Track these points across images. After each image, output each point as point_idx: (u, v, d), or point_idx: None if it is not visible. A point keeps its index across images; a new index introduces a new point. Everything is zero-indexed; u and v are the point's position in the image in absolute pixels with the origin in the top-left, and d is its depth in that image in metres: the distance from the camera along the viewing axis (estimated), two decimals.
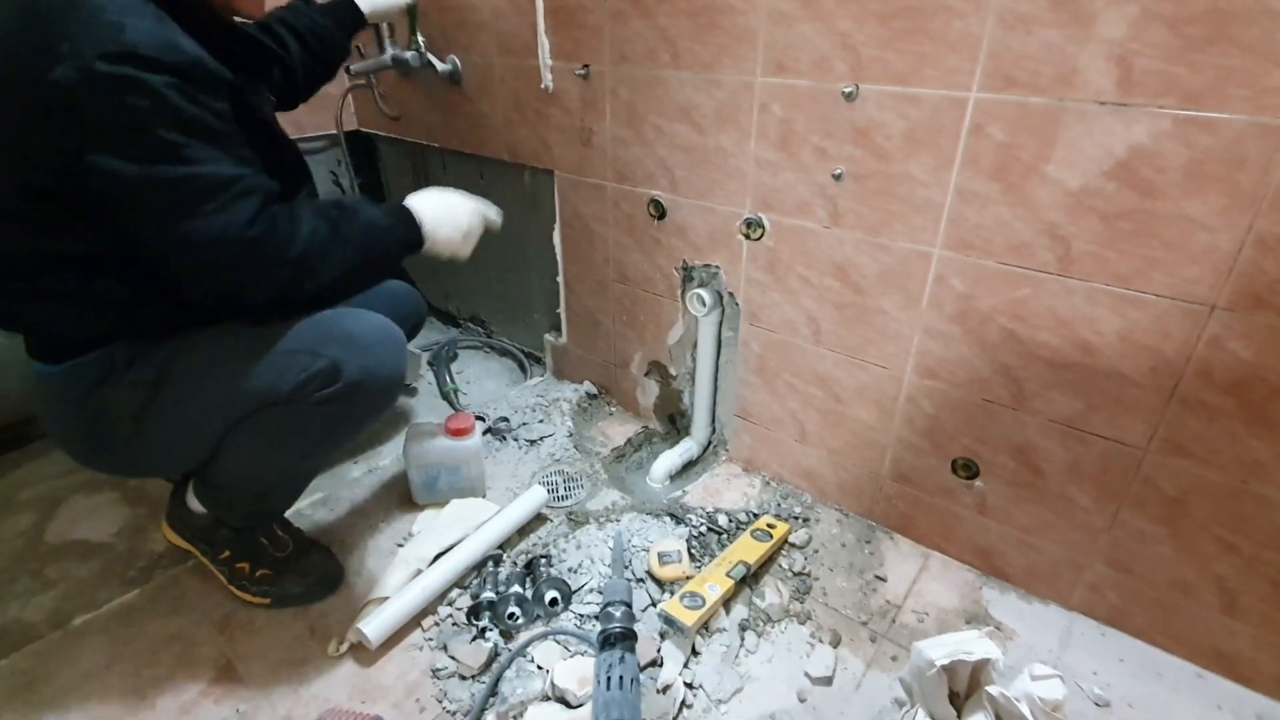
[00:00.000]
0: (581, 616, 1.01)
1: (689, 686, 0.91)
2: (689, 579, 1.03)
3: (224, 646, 0.98)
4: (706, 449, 1.43)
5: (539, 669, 0.92)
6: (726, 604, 1.02)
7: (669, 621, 0.96)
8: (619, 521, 1.20)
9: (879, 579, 1.10)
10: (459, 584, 1.06)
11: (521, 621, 0.98)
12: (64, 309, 0.81)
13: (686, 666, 0.93)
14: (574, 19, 1.21)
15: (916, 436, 1.09)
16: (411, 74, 1.56)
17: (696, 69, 1.09)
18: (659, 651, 0.94)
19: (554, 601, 1.00)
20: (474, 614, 0.99)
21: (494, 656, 0.95)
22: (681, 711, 0.88)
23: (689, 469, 1.40)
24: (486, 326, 1.90)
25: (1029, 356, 0.93)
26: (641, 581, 1.06)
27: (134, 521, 1.21)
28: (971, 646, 0.80)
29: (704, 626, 0.98)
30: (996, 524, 1.06)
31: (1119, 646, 0.99)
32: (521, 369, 1.78)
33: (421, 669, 0.94)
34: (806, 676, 0.93)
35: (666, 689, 0.89)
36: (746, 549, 1.08)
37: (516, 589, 1.01)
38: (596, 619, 0.98)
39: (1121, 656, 0.97)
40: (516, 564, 1.10)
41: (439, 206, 0.97)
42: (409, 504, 1.25)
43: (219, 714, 0.89)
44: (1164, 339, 0.83)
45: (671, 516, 1.20)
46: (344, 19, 1.21)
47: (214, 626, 1.01)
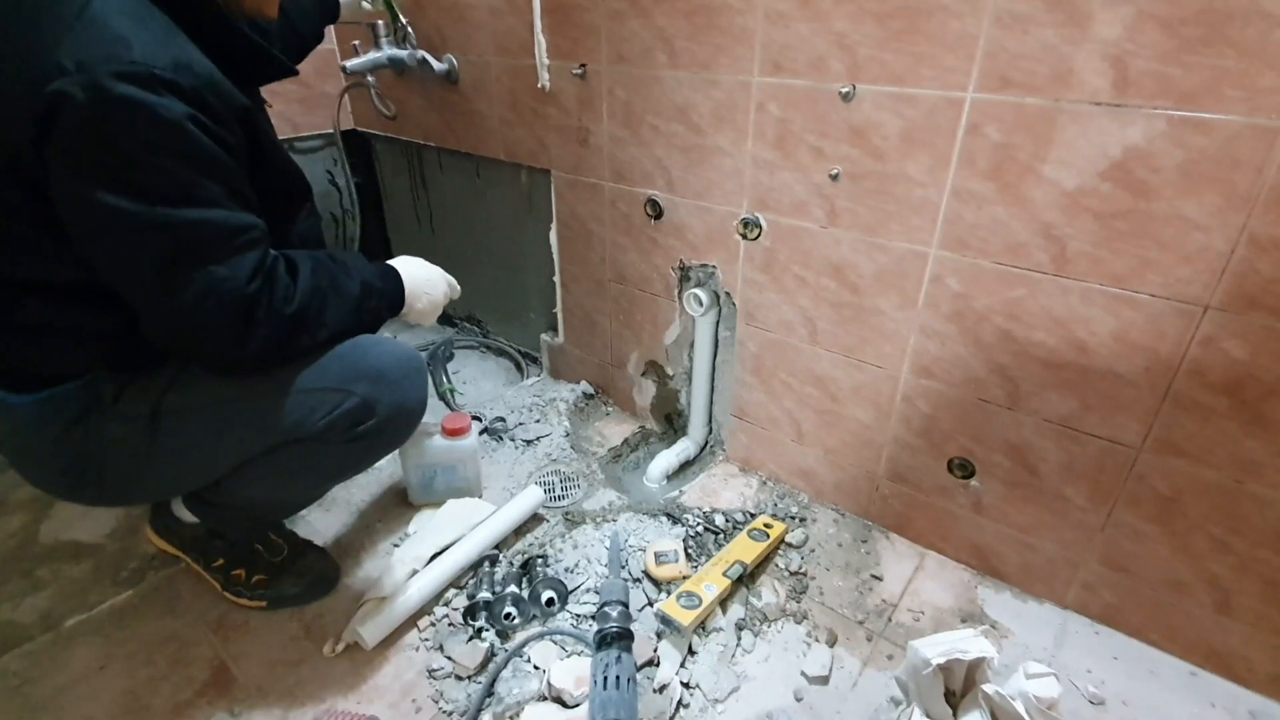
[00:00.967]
0: (578, 616, 1.01)
1: (686, 686, 0.91)
2: (686, 579, 1.03)
3: (218, 647, 0.97)
4: (703, 449, 1.43)
5: (535, 669, 0.92)
6: (723, 603, 1.02)
7: (666, 621, 0.96)
8: (616, 521, 1.19)
9: (875, 578, 1.10)
10: (455, 584, 1.06)
11: (518, 621, 0.98)
12: (38, 339, 0.75)
13: (683, 666, 0.93)
14: (571, 18, 1.21)
15: (913, 436, 1.09)
16: (408, 73, 1.56)
17: (694, 69, 1.09)
18: (656, 651, 0.93)
19: (550, 601, 1.00)
20: (470, 614, 0.99)
21: (490, 656, 0.94)
22: (678, 711, 0.88)
23: (686, 469, 1.40)
24: (483, 326, 1.90)
25: (1024, 356, 0.93)
26: (638, 581, 1.06)
27: (127, 522, 1.20)
28: (967, 645, 0.80)
29: (701, 626, 0.98)
30: (992, 523, 1.07)
31: (1113, 645, 0.99)
32: (518, 369, 1.77)
33: (418, 669, 0.94)
34: (803, 676, 0.93)
35: (663, 688, 0.89)
36: (743, 548, 1.09)
37: (513, 589, 1.01)
38: (593, 619, 0.97)
39: (1116, 655, 0.97)
40: (513, 564, 1.10)
41: (420, 275, 0.94)
42: (405, 504, 1.25)
43: (213, 715, 0.88)
44: (1158, 339, 0.83)
45: (668, 516, 1.20)
46: (321, 8, 1.21)
47: (208, 627, 1.00)
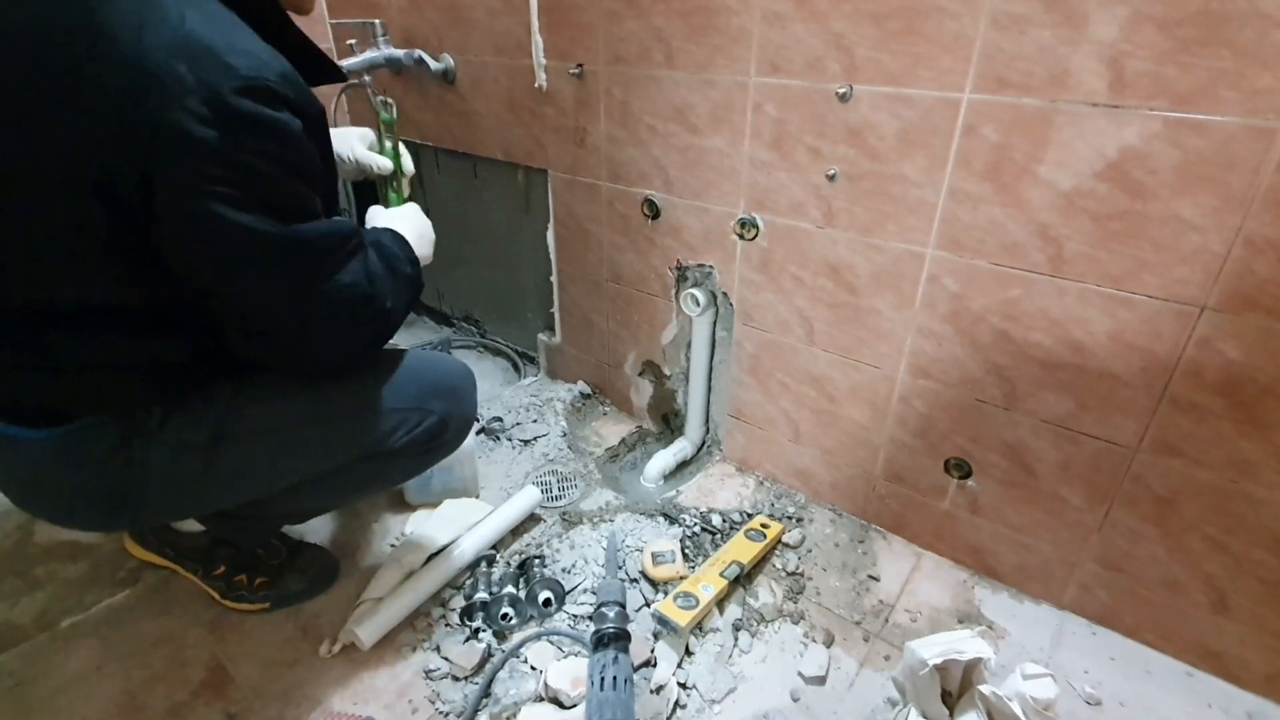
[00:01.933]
0: (575, 617, 1.01)
1: (682, 686, 0.91)
2: (683, 579, 1.03)
3: (215, 648, 0.97)
4: (700, 449, 1.43)
5: (532, 670, 0.92)
6: (720, 604, 1.02)
7: (663, 622, 0.96)
8: (613, 521, 1.19)
9: (872, 578, 1.10)
10: (452, 584, 1.06)
11: (515, 622, 0.98)
12: (81, 373, 0.70)
13: (680, 666, 0.93)
14: (568, 18, 1.21)
15: (909, 436, 1.09)
16: (405, 72, 1.56)
17: (691, 69, 1.09)
18: (652, 652, 0.93)
19: (547, 602, 1.00)
20: (467, 614, 0.99)
21: (487, 657, 0.94)
22: (675, 712, 0.88)
23: (683, 469, 1.40)
24: (480, 326, 1.90)
25: (1021, 356, 0.94)
26: (635, 582, 1.06)
27: None
28: (964, 646, 0.80)
29: (697, 626, 0.98)
30: (989, 523, 1.07)
31: (1110, 645, 0.99)
32: (515, 369, 1.77)
33: (414, 670, 0.94)
34: (800, 676, 0.93)
35: (660, 689, 0.89)
36: (740, 549, 1.08)
37: (510, 589, 1.01)
38: (590, 619, 0.97)
39: (1112, 655, 0.98)
40: (510, 564, 1.10)
41: (415, 229, 0.90)
42: (402, 504, 1.24)
43: (210, 716, 0.88)
44: (1155, 339, 0.83)
45: (665, 516, 1.20)
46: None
47: (204, 628, 1.00)
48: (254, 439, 0.79)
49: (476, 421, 0.94)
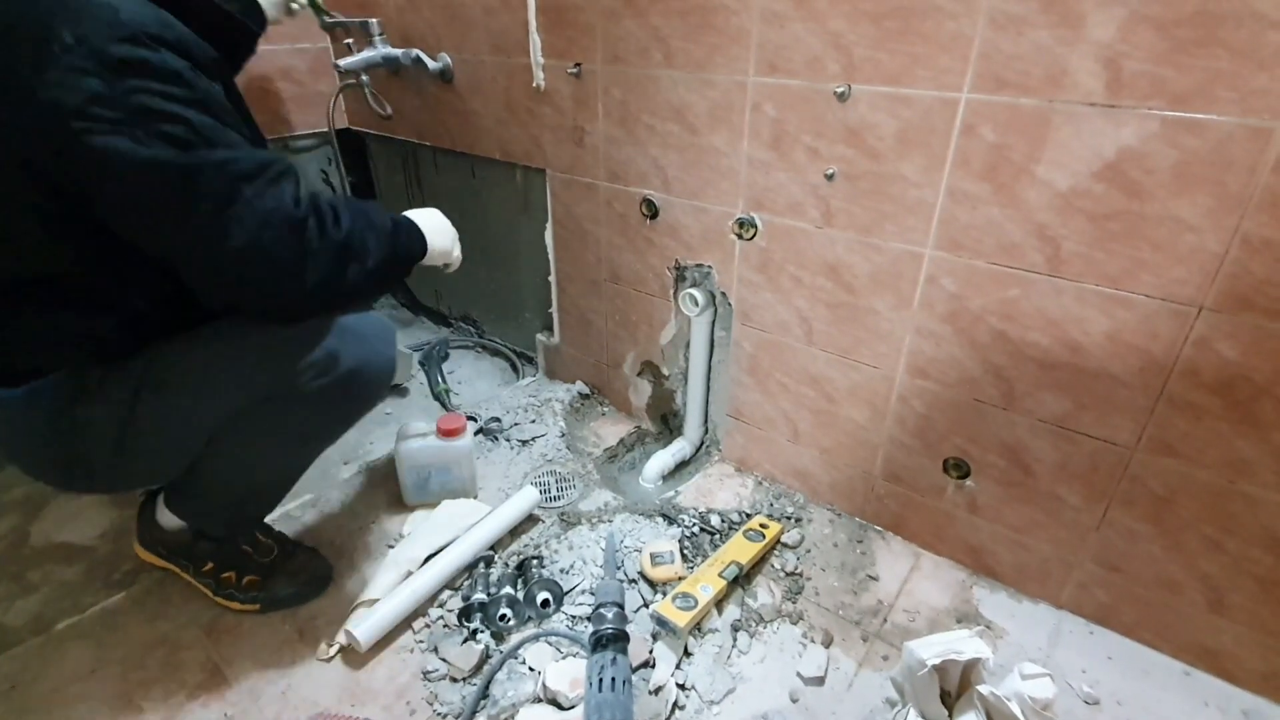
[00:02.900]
0: (573, 618, 1.00)
1: (681, 687, 0.91)
2: (681, 580, 1.03)
3: (211, 650, 0.97)
4: (699, 449, 1.42)
5: (530, 671, 0.92)
6: (719, 604, 1.02)
7: (661, 622, 0.96)
8: (611, 522, 1.19)
9: (871, 578, 1.10)
10: (450, 585, 1.06)
11: (513, 623, 0.98)
12: (32, 336, 0.76)
13: (679, 667, 0.93)
14: (566, 17, 1.21)
15: (908, 436, 1.10)
16: (402, 72, 1.55)
17: (689, 68, 1.09)
18: (651, 653, 0.93)
19: (546, 603, 1.00)
20: (465, 616, 0.99)
21: (485, 658, 0.94)
22: (674, 713, 0.88)
23: (681, 469, 1.40)
24: (478, 326, 1.89)
25: (1019, 356, 0.94)
26: (634, 582, 1.06)
27: (119, 524, 1.19)
28: (962, 646, 0.80)
29: (696, 627, 0.98)
30: (987, 523, 1.07)
31: (1107, 644, 0.99)
32: (513, 369, 1.77)
33: (412, 671, 0.94)
34: (799, 677, 0.93)
35: (659, 690, 0.89)
36: (739, 549, 1.08)
37: (508, 590, 1.00)
38: (588, 620, 0.97)
39: (1110, 654, 0.98)
40: (508, 565, 1.10)
41: (429, 220, 0.96)
42: (400, 505, 1.24)
43: (206, 719, 0.88)
44: (1152, 339, 0.83)
45: (664, 517, 1.20)
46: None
47: (201, 630, 1.00)
48: (168, 385, 0.82)
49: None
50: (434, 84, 1.52)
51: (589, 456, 1.41)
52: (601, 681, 0.83)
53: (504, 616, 0.97)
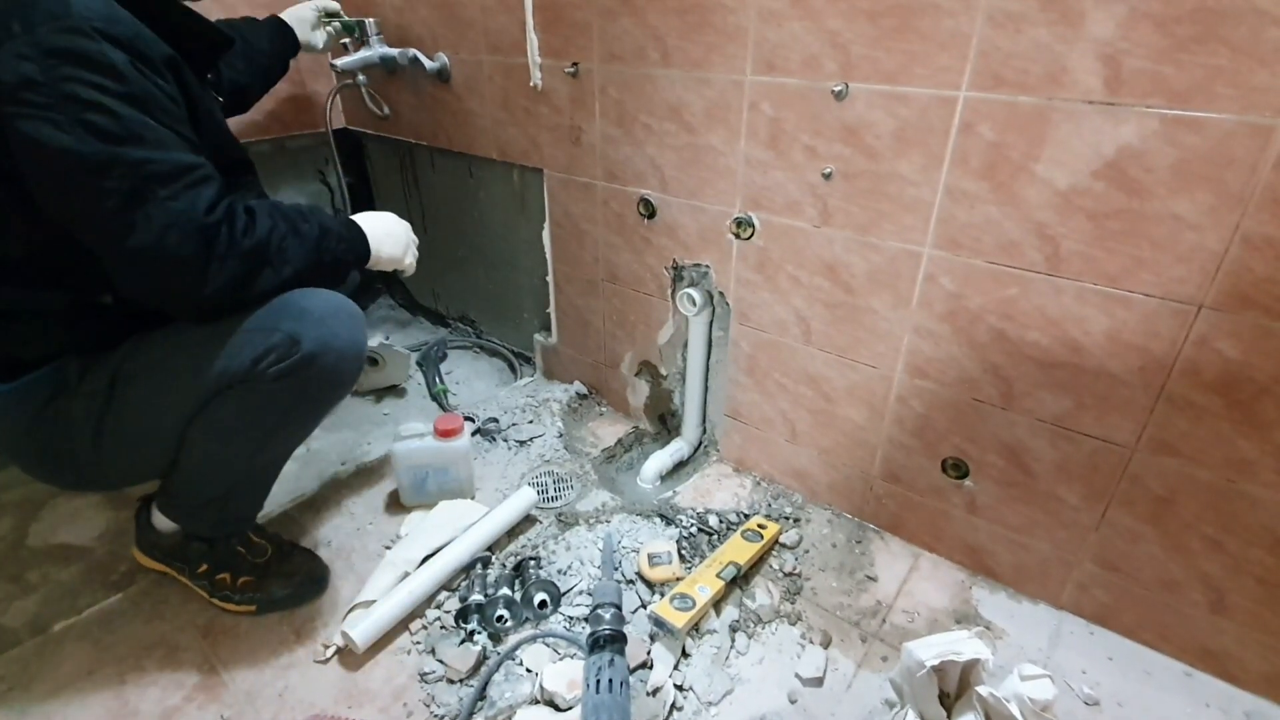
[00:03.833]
0: (571, 619, 1.00)
1: (679, 689, 0.91)
2: (679, 580, 1.03)
3: (208, 651, 0.97)
4: (697, 449, 1.42)
5: (528, 672, 0.92)
6: (717, 605, 1.01)
7: (659, 623, 0.96)
8: (609, 523, 1.19)
9: (869, 579, 1.10)
10: (447, 586, 1.05)
11: (510, 624, 0.98)
12: (6, 324, 0.79)
13: (677, 669, 0.93)
14: (563, 16, 1.20)
15: (907, 436, 1.09)
16: (399, 71, 1.55)
17: (686, 67, 1.08)
18: (649, 654, 0.93)
19: (543, 604, 1.00)
20: (462, 617, 0.99)
21: (482, 660, 0.94)
22: (671, 714, 0.88)
23: (679, 469, 1.40)
24: (476, 326, 1.89)
25: (1018, 356, 0.93)
26: (631, 583, 1.06)
27: (117, 525, 1.19)
28: (961, 647, 0.80)
29: (694, 628, 0.97)
30: (986, 523, 1.06)
31: (1108, 645, 0.99)
32: (511, 369, 1.77)
33: (409, 673, 0.93)
34: (797, 678, 0.93)
35: (656, 691, 0.89)
36: (737, 550, 1.08)
37: (505, 591, 1.00)
38: (586, 621, 0.97)
39: (1110, 655, 0.97)
40: (505, 566, 1.09)
41: (378, 224, 1.00)
42: (397, 505, 1.24)
43: None
44: (1152, 338, 0.83)
45: (662, 517, 1.20)
46: (284, 48, 1.31)
47: (197, 631, 1.00)
48: (137, 377, 0.84)
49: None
50: (431, 84, 1.51)
51: (587, 457, 1.40)
52: (599, 683, 0.82)
53: (501, 618, 0.97)
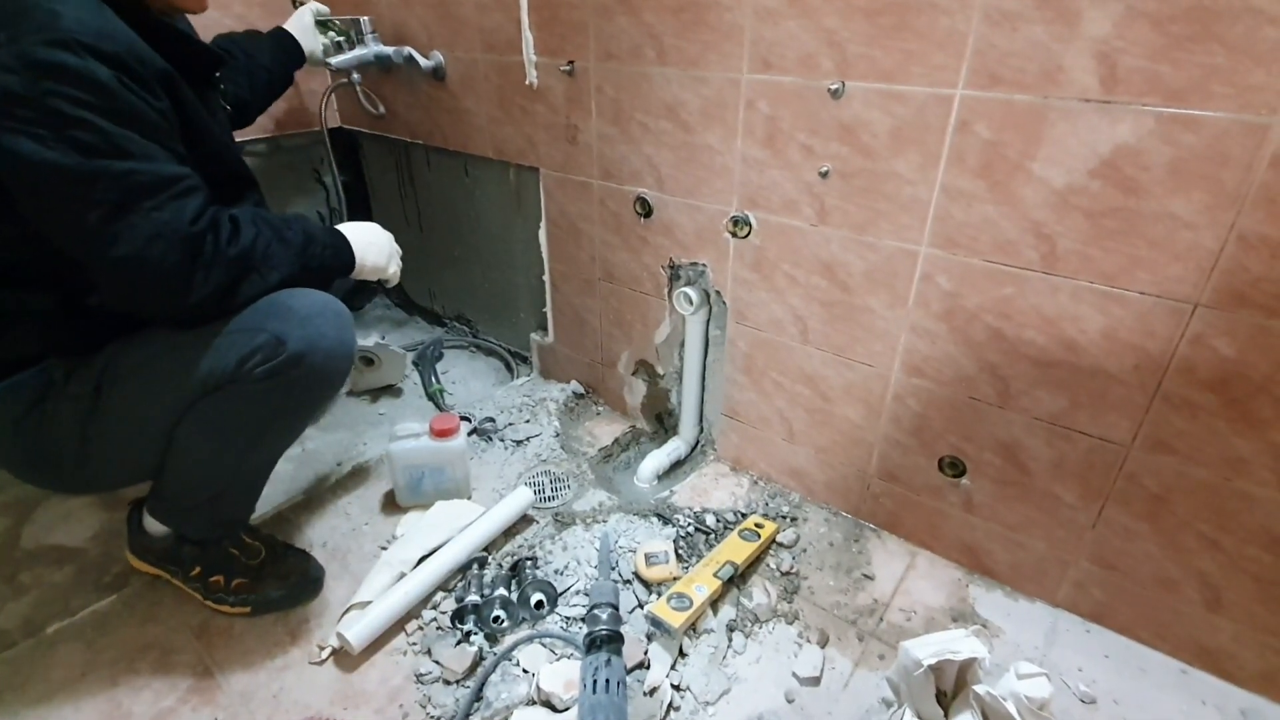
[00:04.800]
0: (567, 619, 1.00)
1: (676, 688, 0.90)
2: (676, 580, 1.02)
3: (202, 653, 0.96)
4: (694, 448, 1.42)
5: (524, 673, 0.91)
6: (714, 605, 1.01)
7: (656, 623, 0.95)
8: (606, 522, 1.19)
9: (866, 578, 1.10)
10: (443, 587, 1.05)
11: (507, 625, 0.97)
12: None
13: (674, 668, 0.93)
14: (558, 15, 1.20)
15: (903, 435, 1.09)
16: (394, 70, 1.54)
17: (682, 66, 1.08)
18: (646, 654, 0.93)
19: (540, 604, 0.99)
20: (458, 617, 0.98)
21: (479, 660, 0.93)
22: (669, 714, 0.88)
23: (676, 469, 1.40)
24: (472, 326, 1.89)
25: (1015, 354, 0.93)
26: (628, 583, 1.06)
27: (110, 526, 1.18)
28: (958, 645, 0.80)
29: (691, 628, 0.97)
30: (983, 522, 1.07)
31: (1104, 643, 0.99)
32: (508, 369, 1.76)
33: (405, 674, 0.93)
34: (794, 677, 0.93)
35: (653, 691, 0.88)
36: (734, 549, 1.08)
37: (502, 592, 1.00)
38: (583, 621, 0.97)
39: (1106, 653, 0.97)
40: (502, 566, 1.09)
41: (361, 233, 1.01)
42: (393, 506, 1.23)
43: None
44: (1148, 336, 0.83)
45: (659, 517, 1.20)
46: (287, 61, 1.32)
47: (191, 633, 0.99)
48: (123, 381, 0.84)
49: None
50: (426, 82, 1.51)
51: (583, 456, 1.40)
52: (596, 683, 0.82)
53: (498, 618, 0.96)
